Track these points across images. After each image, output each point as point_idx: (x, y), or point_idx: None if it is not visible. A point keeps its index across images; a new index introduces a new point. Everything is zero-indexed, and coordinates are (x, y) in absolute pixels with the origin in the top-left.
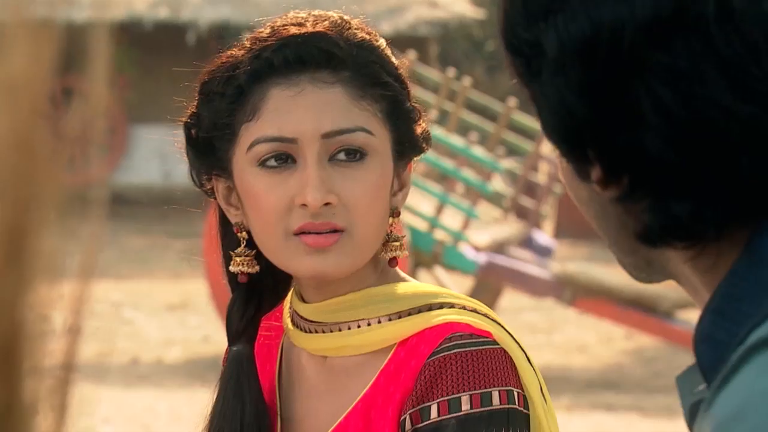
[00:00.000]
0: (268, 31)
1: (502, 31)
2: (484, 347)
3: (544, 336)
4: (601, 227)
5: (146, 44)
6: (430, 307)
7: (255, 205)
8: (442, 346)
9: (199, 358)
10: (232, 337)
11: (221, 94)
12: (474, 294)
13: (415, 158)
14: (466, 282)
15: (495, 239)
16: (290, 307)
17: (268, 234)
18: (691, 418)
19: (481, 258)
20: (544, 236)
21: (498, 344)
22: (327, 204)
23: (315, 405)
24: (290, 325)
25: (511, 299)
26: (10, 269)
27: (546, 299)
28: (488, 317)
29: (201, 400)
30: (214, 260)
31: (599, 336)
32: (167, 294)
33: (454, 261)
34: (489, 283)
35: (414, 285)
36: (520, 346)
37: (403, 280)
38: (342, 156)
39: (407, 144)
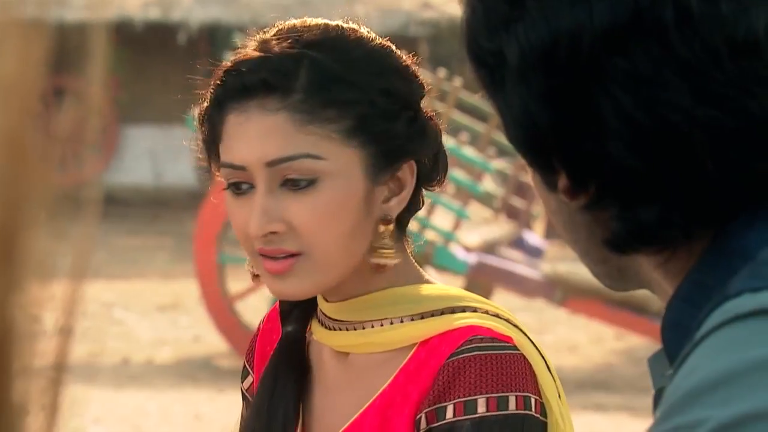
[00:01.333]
0: (245, 48)
1: (466, 43)
2: (504, 352)
3: (535, 336)
4: (571, 237)
5: (137, 44)
6: (452, 310)
7: (232, 223)
8: (462, 348)
9: (190, 359)
10: (282, 319)
11: (201, 115)
12: None
13: (411, 160)
14: (457, 282)
15: (486, 240)
16: None
17: (245, 250)
18: (655, 404)
19: (472, 258)
20: (534, 236)
21: (518, 350)
22: (274, 232)
23: (334, 400)
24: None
25: (501, 299)
26: (0, 269)
27: (536, 299)
28: (510, 322)
29: (191, 400)
30: (205, 260)
31: (590, 336)
32: (158, 294)
33: (445, 261)
34: (479, 283)
35: (438, 287)
36: (541, 353)
37: (427, 281)
38: (290, 182)
39: (391, 152)
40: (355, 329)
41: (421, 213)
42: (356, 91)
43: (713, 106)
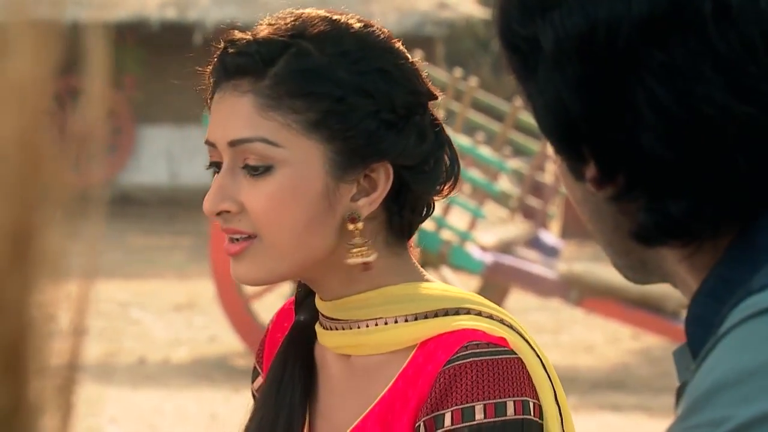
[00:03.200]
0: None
1: (498, 28)
2: (499, 357)
3: (551, 336)
4: (596, 227)
5: (153, 44)
6: (447, 312)
7: None
8: (458, 354)
9: (206, 358)
10: (296, 307)
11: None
12: (480, 294)
13: (387, 162)
14: (473, 282)
15: (502, 239)
16: None
17: None
18: (678, 398)
19: (488, 258)
20: (550, 236)
21: (514, 353)
22: (227, 211)
23: (337, 403)
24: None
25: (517, 299)
26: (15, 269)
27: (552, 299)
28: (504, 323)
29: (208, 399)
30: (221, 260)
31: (606, 336)
32: (174, 294)
33: (461, 261)
34: (495, 283)
35: (434, 286)
36: (537, 354)
37: (425, 279)
38: (249, 168)
39: (358, 151)
40: (351, 328)
41: (438, 212)
42: (329, 86)
43: (747, 100)
